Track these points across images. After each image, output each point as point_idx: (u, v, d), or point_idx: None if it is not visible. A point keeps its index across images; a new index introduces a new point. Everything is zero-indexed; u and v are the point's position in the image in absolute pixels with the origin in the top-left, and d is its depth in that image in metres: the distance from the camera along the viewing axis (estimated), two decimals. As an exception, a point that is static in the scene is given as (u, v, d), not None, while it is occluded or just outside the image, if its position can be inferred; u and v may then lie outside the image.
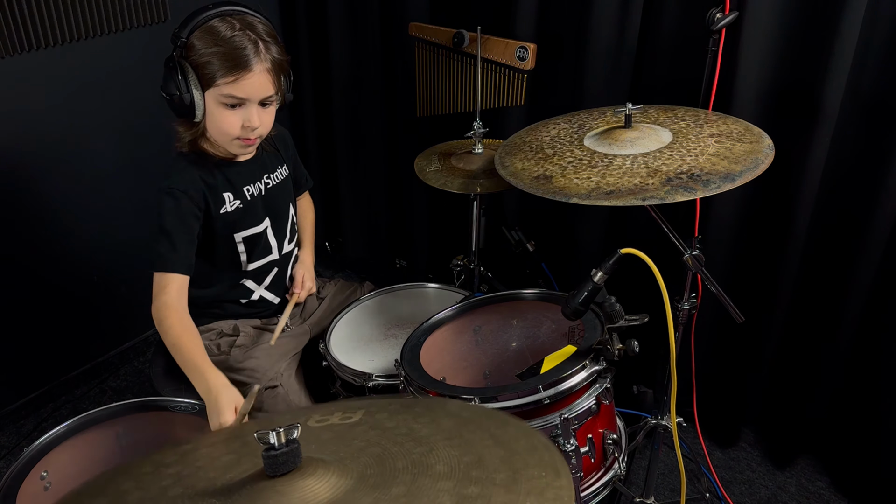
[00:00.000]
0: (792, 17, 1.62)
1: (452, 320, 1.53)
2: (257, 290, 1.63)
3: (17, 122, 2.05)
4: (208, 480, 0.81)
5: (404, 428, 0.83)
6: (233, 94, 1.36)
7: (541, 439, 0.79)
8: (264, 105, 1.42)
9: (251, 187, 1.55)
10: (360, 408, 0.93)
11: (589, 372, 1.25)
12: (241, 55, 1.34)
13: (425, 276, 2.59)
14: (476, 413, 0.90)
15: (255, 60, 1.35)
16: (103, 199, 2.29)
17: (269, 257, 1.61)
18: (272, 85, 1.40)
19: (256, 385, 1.26)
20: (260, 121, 1.42)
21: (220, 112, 1.39)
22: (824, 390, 1.89)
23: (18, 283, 2.17)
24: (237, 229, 1.53)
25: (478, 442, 0.78)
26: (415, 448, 0.77)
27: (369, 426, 0.86)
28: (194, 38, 1.34)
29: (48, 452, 1.26)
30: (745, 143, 1.28)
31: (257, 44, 1.36)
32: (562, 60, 1.99)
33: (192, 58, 1.35)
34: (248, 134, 1.42)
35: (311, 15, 2.56)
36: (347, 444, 0.81)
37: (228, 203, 1.50)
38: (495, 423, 0.83)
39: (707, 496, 1.83)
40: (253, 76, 1.36)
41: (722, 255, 1.87)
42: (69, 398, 2.36)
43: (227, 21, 1.35)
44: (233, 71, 1.34)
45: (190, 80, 1.35)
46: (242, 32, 1.35)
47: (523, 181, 1.30)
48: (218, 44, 1.34)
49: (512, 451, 0.76)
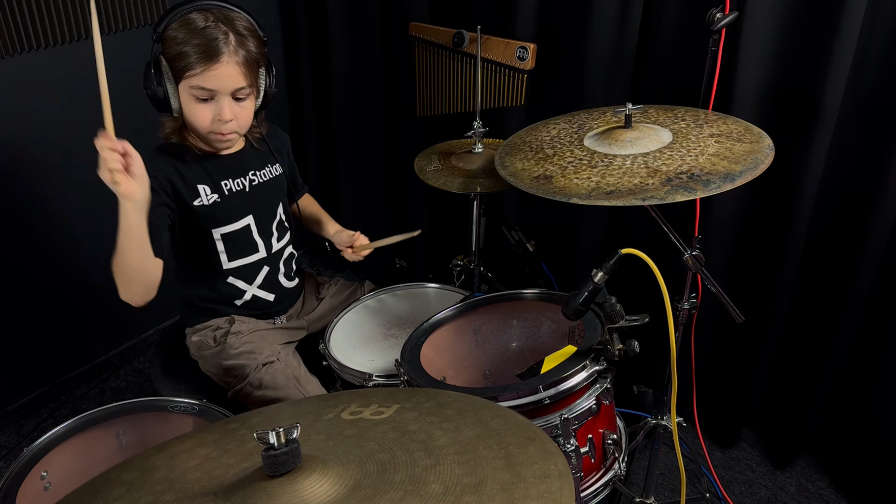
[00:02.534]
0: (792, 17, 1.62)
1: (452, 320, 1.53)
2: (249, 289, 1.63)
3: (17, 122, 2.05)
4: (207, 480, 0.81)
5: (424, 434, 0.82)
6: (201, 85, 1.36)
7: (556, 468, 0.73)
8: (238, 99, 1.41)
9: (230, 182, 1.54)
10: (397, 402, 0.91)
11: (589, 372, 1.25)
12: (209, 45, 1.34)
13: (425, 276, 2.59)
14: (505, 424, 0.84)
15: (225, 51, 1.35)
16: (103, 198, 2.28)
17: (256, 255, 1.60)
18: (243, 77, 1.38)
19: None
20: (232, 114, 1.41)
21: (191, 105, 1.40)
22: (824, 390, 1.89)
23: (18, 283, 2.17)
24: (215, 224, 1.52)
25: (488, 462, 0.75)
26: (422, 460, 0.76)
27: (392, 426, 0.85)
28: (169, 31, 1.35)
29: (48, 452, 1.26)
30: (745, 143, 1.28)
31: (228, 35, 1.35)
32: (562, 60, 1.99)
33: (167, 51, 1.36)
34: (220, 128, 1.42)
35: (311, 15, 2.56)
36: (362, 445, 0.81)
37: (205, 196, 1.49)
38: (517, 441, 0.79)
39: (707, 496, 1.83)
40: (220, 67, 1.35)
41: (722, 255, 1.87)
42: (69, 398, 2.36)
43: (202, 14, 1.36)
44: (201, 62, 1.34)
45: (164, 73, 1.36)
46: (215, 24, 1.35)
47: (523, 181, 1.30)
48: (189, 35, 1.34)
49: (519, 477, 0.72)
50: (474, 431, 0.81)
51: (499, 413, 0.87)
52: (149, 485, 0.83)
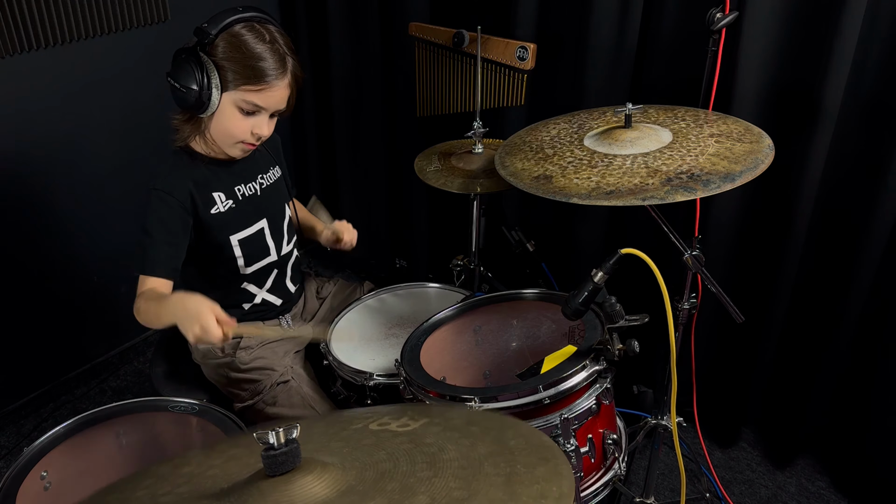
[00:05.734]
0: (792, 17, 1.62)
1: (452, 320, 1.53)
2: (259, 293, 1.63)
3: (17, 122, 2.05)
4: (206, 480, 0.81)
5: (436, 447, 0.81)
6: (255, 102, 1.38)
7: (557, 489, 0.70)
8: (273, 116, 1.45)
9: (243, 187, 1.55)
10: (427, 417, 0.91)
11: (589, 372, 1.25)
12: (272, 66, 1.37)
13: (425, 276, 2.59)
14: (525, 444, 0.81)
15: (283, 74, 1.38)
16: (103, 198, 2.29)
17: (268, 259, 1.60)
18: (288, 99, 1.43)
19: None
20: (269, 130, 1.45)
21: (232, 115, 1.40)
22: (824, 390, 1.89)
23: (19, 283, 2.17)
24: (231, 231, 1.52)
25: (487, 479, 0.73)
26: (421, 471, 0.75)
27: (410, 438, 0.84)
28: (221, 39, 1.35)
29: (48, 452, 1.26)
30: (745, 143, 1.28)
31: (285, 58, 1.39)
32: (562, 60, 1.99)
33: (218, 57, 1.35)
34: (254, 140, 1.45)
35: (311, 15, 2.56)
36: (373, 453, 0.80)
37: (220, 203, 1.50)
38: (528, 461, 0.76)
39: (707, 496, 1.83)
40: (277, 90, 1.39)
41: (722, 255, 1.87)
42: (69, 398, 2.36)
43: (256, 29, 1.37)
44: (261, 80, 1.36)
45: (212, 77, 1.36)
46: (273, 44, 1.38)
47: (523, 181, 1.30)
48: (251, 50, 1.35)
49: (513, 495, 0.70)
50: (488, 449, 0.80)
51: (522, 433, 0.85)
52: (170, 482, 0.84)
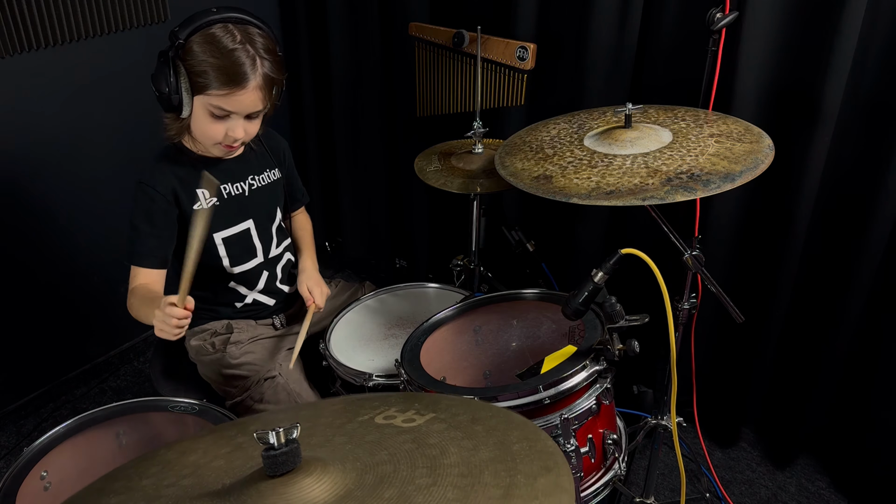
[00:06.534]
0: (792, 17, 1.62)
1: (452, 320, 1.53)
2: (250, 294, 1.63)
3: (16, 122, 2.05)
4: (206, 479, 0.81)
5: (438, 450, 0.80)
6: (222, 106, 1.37)
7: None
8: (250, 118, 1.43)
9: (230, 186, 1.54)
10: (433, 412, 0.90)
11: (589, 372, 1.25)
12: (237, 71, 1.33)
13: (425, 276, 2.59)
14: (528, 449, 0.80)
15: (251, 79, 1.35)
16: (103, 198, 2.29)
17: (255, 261, 1.60)
18: (261, 101, 1.40)
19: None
20: (245, 132, 1.43)
21: (205, 119, 1.39)
22: (824, 390, 1.89)
23: (18, 283, 2.17)
24: (215, 229, 1.52)
25: (486, 490, 0.72)
26: (421, 478, 0.74)
27: (414, 437, 0.83)
28: (193, 43, 1.33)
29: (48, 452, 1.26)
30: (745, 143, 1.28)
31: (255, 60, 1.35)
32: (562, 60, 1.99)
33: (188, 61, 1.34)
34: (230, 142, 1.44)
35: (311, 15, 2.56)
36: (375, 453, 0.80)
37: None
38: (530, 470, 0.75)
39: (707, 496, 1.83)
40: (245, 93, 1.36)
41: (722, 255, 1.87)
42: (69, 398, 2.35)
43: (228, 31, 1.34)
44: (226, 85, 1.34)
45: (181, 82, 1.35)
46: (242, 46, 1.34)
47: (523, 181, 1.30)
48: (216, 55, 1.33)
49: (510, 498, 0.69)
50: (491, 454, 0.79)
51: (528, 436, 0.83)
52: (175, 472, 0.83)
